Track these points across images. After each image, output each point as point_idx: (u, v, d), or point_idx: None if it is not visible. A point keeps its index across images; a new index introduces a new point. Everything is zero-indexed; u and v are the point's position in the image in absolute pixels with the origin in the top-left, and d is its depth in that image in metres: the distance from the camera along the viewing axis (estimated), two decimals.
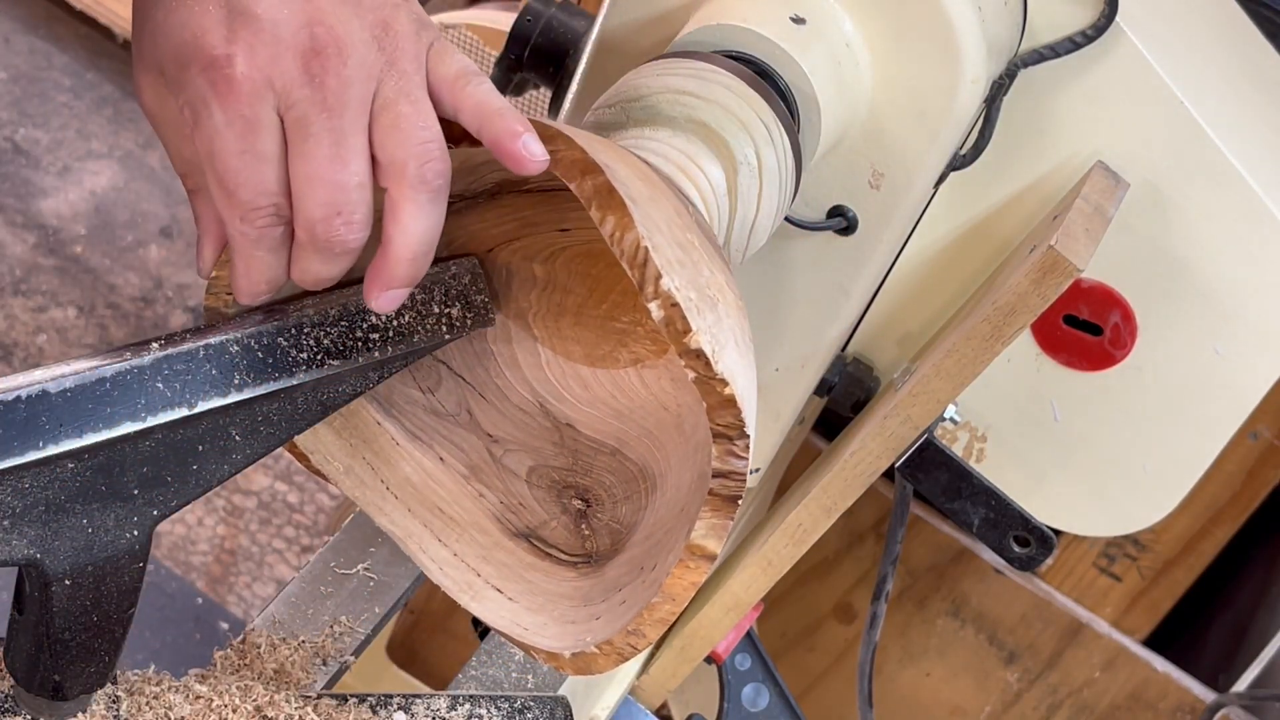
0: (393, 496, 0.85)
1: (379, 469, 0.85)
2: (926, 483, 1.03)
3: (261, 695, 0.82)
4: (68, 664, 0.71)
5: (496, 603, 0.82)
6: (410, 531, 0.85)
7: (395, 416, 0.86)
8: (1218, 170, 1.02)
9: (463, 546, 0.84)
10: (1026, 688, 1.67)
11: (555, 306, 0.86)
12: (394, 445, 0.85)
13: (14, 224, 2.35)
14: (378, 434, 0.85)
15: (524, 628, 0.81)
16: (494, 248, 0.84)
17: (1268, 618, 1.61)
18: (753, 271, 1.01)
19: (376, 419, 0.85)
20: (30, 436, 0.64)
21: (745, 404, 0.69)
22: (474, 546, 0.84)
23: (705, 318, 0.68)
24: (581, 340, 0.86)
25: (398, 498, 0.85)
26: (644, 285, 0.67)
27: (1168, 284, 1.06)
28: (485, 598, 0.82)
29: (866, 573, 1.69)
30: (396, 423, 0.85)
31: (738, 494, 0.70)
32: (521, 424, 0.87)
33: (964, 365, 0.94)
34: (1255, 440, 1.56)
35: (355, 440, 0.85)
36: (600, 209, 0.68)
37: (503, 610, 0.82)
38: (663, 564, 0.74)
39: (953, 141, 0.96)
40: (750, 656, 1.17)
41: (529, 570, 0.83)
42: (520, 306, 0.86)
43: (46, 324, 2.25)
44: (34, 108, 2.52)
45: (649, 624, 0.73)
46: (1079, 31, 0.99)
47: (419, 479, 0.85)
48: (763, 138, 0.82)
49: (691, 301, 0.68)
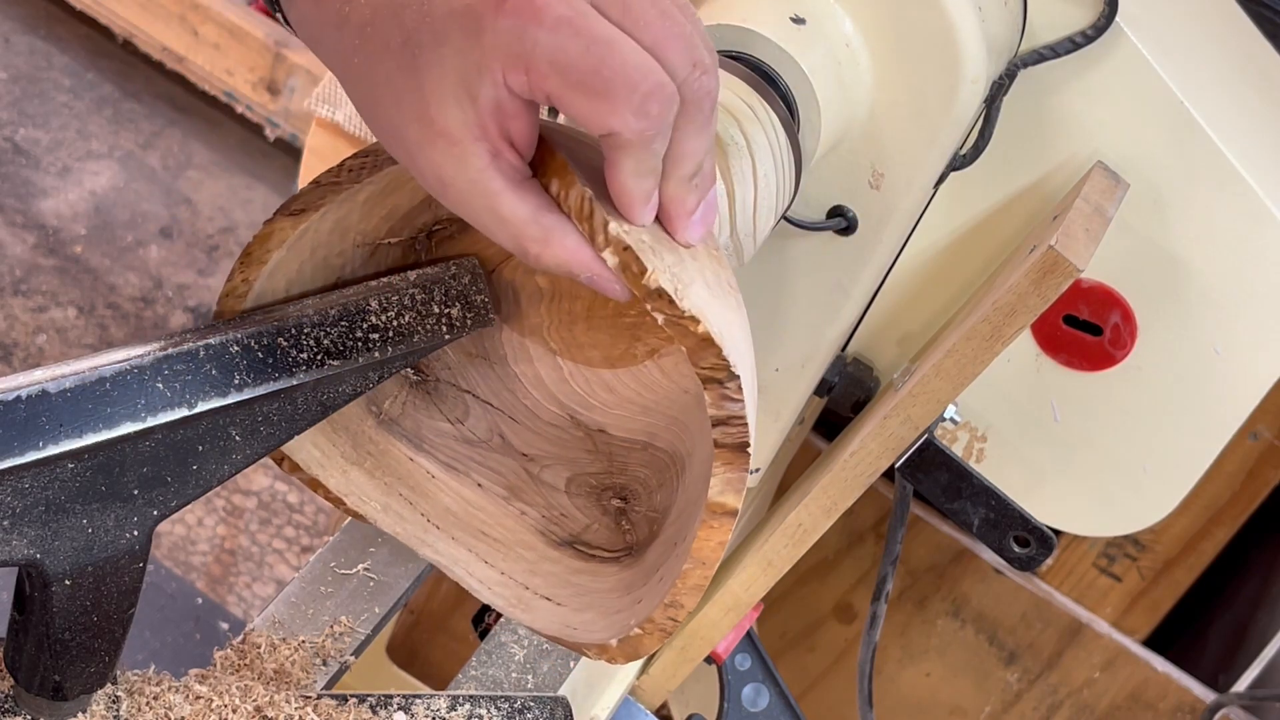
0: (434, 528, 0.85)
1: (417, 503, 0.85)
2: (926, 483, 1.03)
3: (261, 695, 0.82)
4: (68, 664, 0.71)
5: (546, 610, 0.82)
6: (456, 559, 0.84)
7: (427, 451, 0.85)
8: (1218, 170, 1.02)
9: (510, 565, 0.84)
10: (1026, 688, 1.67)
11: (565, 315, 0.86)
12: (430, 479, 0.85)
13: (14, 224, 2.35)
14: (412, 470, 0.85)
15: (573, 628, 0.80)
16: (495, 268, 0.85)
17: (1268, 618, 1.61)
18: (753, 271, 1.01)
19: (409, 455, 0.85)
20: (30, 436, 0.64)
21: (727, 343, 0.68)
22: (521, 563, 0.84)
23: (664, 258, 0.67)
24: (597, 344, 0.86)
25: (439, 528, 0.85)
26: (594, 236, 0.66)
27: (1168, 284, 1.06)
28: (535, 608, 0.82)
29: (866, 573, 1.69)
30: (429, 456, 0.85)
31: (743, 440, 0.69)
32: (555, 439, 0.87)
33: (964, 365, 0.94)
34: (1255, 440, 1.56)
35: (389, 479, 0.85)
36: (544, 174, 0.67)
37: (552, 616, 0.82)
38: (690, 533, 0.74)
39: (953, 141, 0.96)
40: (750, 656, 1.17)
41: (575, 575, 0.84)
42: (534, 323, 0.86)
43: (46, 324, 2.25)
44: (34, 108, 2.52)
45: (684, 593, 0.73)
46: (1079, 31, 0.99)
47: (459, 507, 0.85)
48: (747, 116, 0.81)
49: (645, 244, 0.66)
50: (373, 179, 0.74)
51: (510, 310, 0.86)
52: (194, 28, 2.36)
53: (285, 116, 2.34)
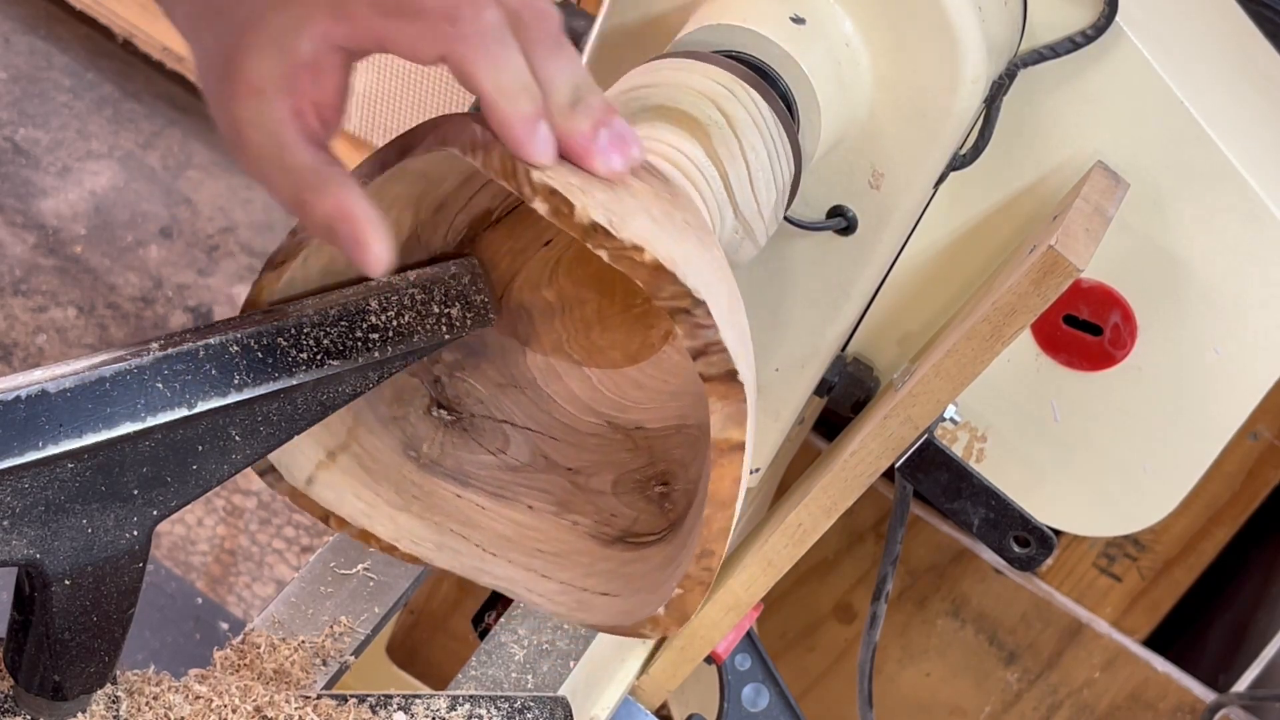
0: (491, 555, 0.84)
1: (471, 535, 0.84)
2: (926, 483, 1.03)
3: (261, 695, 0.82)
4: (68, 664, 0.71)
5: (604, 606, 0.82)
6: (515, 580, 0.84)
7: (474, 485, 0.85)
8: (1218, 170, 1.02)
9: (568, 573, 0.84)
10: (1026, 688, 1.67)
11: (579, 323, 0.86)
12: (481, 510, 0.85)
13: (14, 224, 2.35)
14: (461, 506, 0.85)
15: (629, 614, 0.80)
16: (503, 293, 0.85)
17: (1268, 618, 1.61)
18: (753, 271, 1.01)
19: (456, 493, 0.85)
20: (30, 436, 0.64)
21: (683, 268, 0.66)
22: (578, 569, 0.84)
23: (595, 195, 0.66)
24: (615, 343, 0.86)
25: (496, 555, 0.84)
26: (521, 190, 0.65)
27: (1168, 284, 1.06)
28: (594, 606, 0.82)
29: (866, 573, 1.69)
30: (476, 490, 0.85)
31: (728, 368, 0.68)
32: (596, 447, 0.87)
33: (964, 365, 0.94)
34: (1255, 440, 1.56)
35: (439, 518, 0.84)
36: (470, 151, 0.67)
37: (610, 610, 0.81)
38: (707, 481, 0.73)
39: (953, 141, 0.96)
40: (750, 656, 1.17)
41: (628, 565, 0.83)
42: (553, 341, 0.86)
43: (46, 324, 2.25)
44: (34, 108, 2.52)
45: (712, 539, 0.72)
46: (1079, 31, 0.99)
47: (513, 532, 0.85)
48: (722, 95, 0.81)
49: (574, 185, 0.65)
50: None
51: (528, 333, 0.86)
52: None
53: None
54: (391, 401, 0.86)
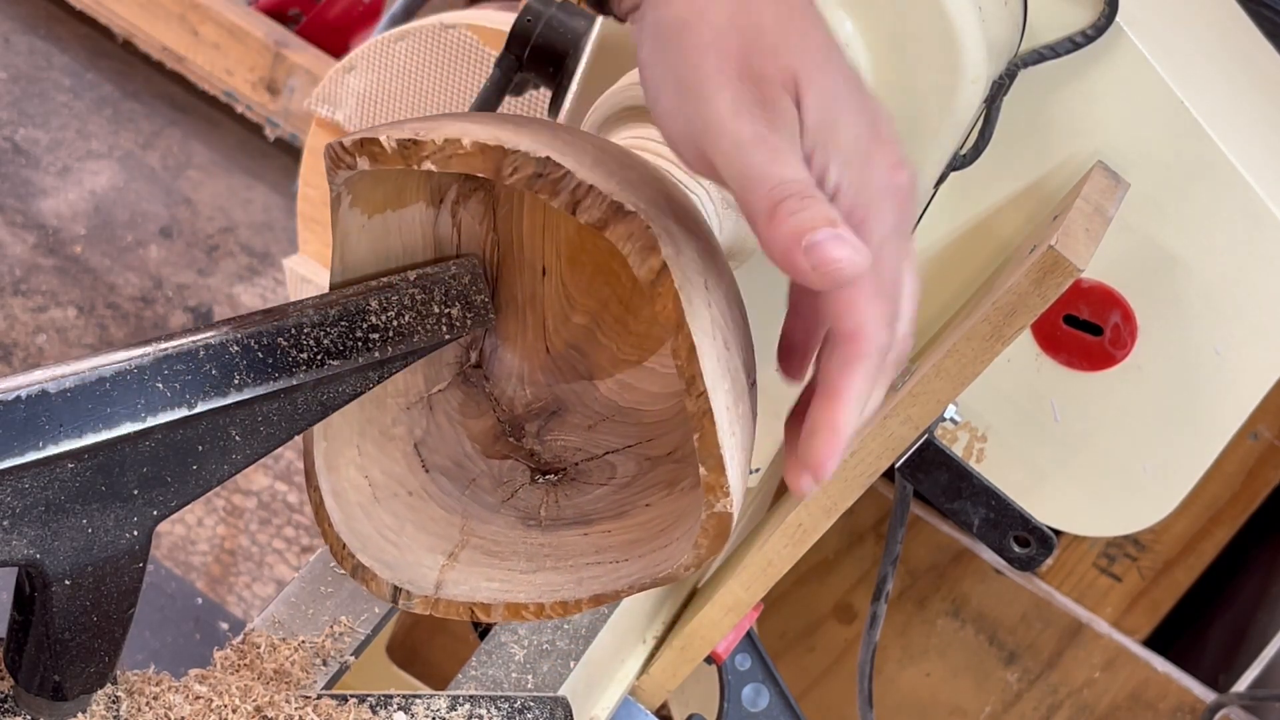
0: (624, 561, 0.83)
1: (604, 557, 0.83)
2: (926, 483, 1.03)
3: (261, 695, 0.82)
4: (68, 664, 0.71)
5: (682, 558, 0.81)
6: (645, 569, 0.82)
7: (596, 519, 0.84)
8: (1218, 170, 1.02)
9: (683, 543, 0.83)
10: (1026, 688, 1.67)
11: (616, 323, 0.87)
12: (608, 534, 0.84)
13: (14, 224, 2.35)
14: (590, 540, 0.84)
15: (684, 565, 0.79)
16: (547, 345, 0.85)
17: (1268, 618, 1.61)
18: (753, 271, 1.01)
19: (583, 533, 0.84)
20: (30, 436, 0.64)
21: (511, 141, 0.67)
22: (689, 536, 0.83)
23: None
24: (652, 320, 0.87)
25: (629, 559, 0.83)
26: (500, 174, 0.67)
27: (1168, 284, 1.06)
28: (677, 564, 0.81)
29: (866, 573, 1.69)
30: (599, 520, 0.85)
31: (607, 204, 0.67)
32: (681, 424, 0.87)
33: (964, 365, 0.94)
34: (1255, 440, 1.56)
35: (573, 560, 0.83)
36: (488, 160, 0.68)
37: (682, 560, 0.80)
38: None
39: (953, 141, 0.96)
40: (750, 656, 1.17)
41: (699, 511, 0.83)
42: (609, 356, 0.87)
43: (46, 324, 2.25)
44: (34, 108, 2.52)
45: (685, 364, 0.70)
46: (1079, 31, 0.99)
47: (640, 532, 0.83)
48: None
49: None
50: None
51: (588, 367, 0.87)
52: (194, 28, 2.36)
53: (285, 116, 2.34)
54: (495, 488, 0.86)
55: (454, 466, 0.86)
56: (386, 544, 0.81)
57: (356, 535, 0.81)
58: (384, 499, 0.83)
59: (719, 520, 0.71)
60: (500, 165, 0.67)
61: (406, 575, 0.80)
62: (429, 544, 0.81)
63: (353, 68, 1.77)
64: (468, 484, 0.86)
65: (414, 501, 0.83)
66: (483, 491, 0.85)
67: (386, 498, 0.83)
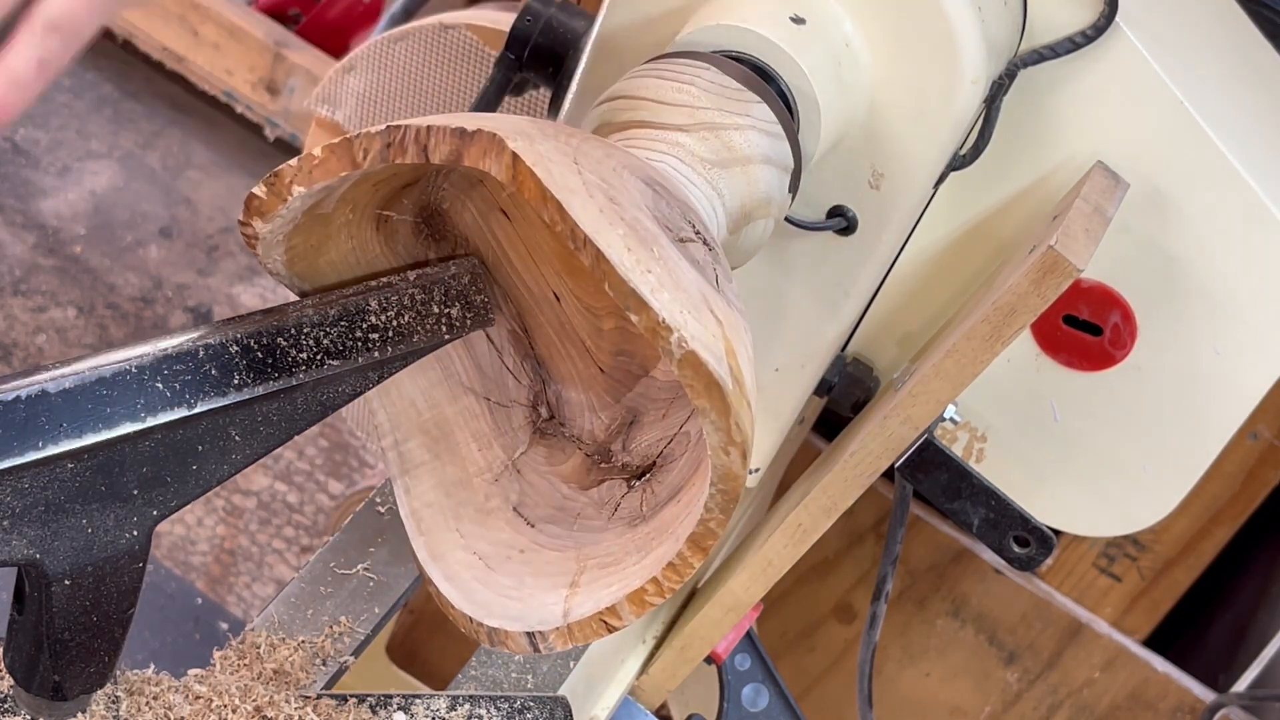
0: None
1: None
2: (926, 483, 1.03)
3: (261, 695, 0.82)
4: (68, 664, 0.71)
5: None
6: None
7: (684, 487, 0.84)
8: (1218, 170, 1.02)
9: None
10: (1026, 688, 1.67)
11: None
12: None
13: (14, 224, 2.35)
14: (680, 509, 0.85)
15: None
16: (598, 366, 0.86)
17: (1268, 618, 1.61)
18: (753, 271, 1.01)
19: (681, 510, 0.84)
20: (30, 436, 0.64)
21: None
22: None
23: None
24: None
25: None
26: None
27: (1168, 284, 1.06)
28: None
29: (866, 573, 1.69)
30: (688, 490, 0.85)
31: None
32: None
33: (964, 365, 0.94)
34: (1255, 440, 1.56)
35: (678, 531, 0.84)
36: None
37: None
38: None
39: (953, 141, 0.96)
40: (750, 656, 1.17)
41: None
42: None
43: (46, 324, 2.25)
44: (34, 108, 2.52)
45: (621, 297, 0.69)
46: (1079, 31, 0.99)
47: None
48: (702, 100, 0.82)
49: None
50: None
51: (639, 362, 0.87)
52: (194, 28, 2.36)
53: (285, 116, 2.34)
54: (598, 512, 0.86)
55: (557, 512, 0.86)
56: (510, 601, 0.81)
57: (479, 606, 0.81)
58: (497, 565, 0.83)
59: (689, 361, 0.67)
60: (353, 155, 0.69)
61: (535, 620, 0.80)
62: (549, 585, 0.81)
63: (353, 68, 1.77)
64: (573, 520, 0.86)
65: (527, 557, 0.83)
66: (588, 520, 0.86)
67: (500, 562, 0.83)
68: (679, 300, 0.67)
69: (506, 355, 0.87)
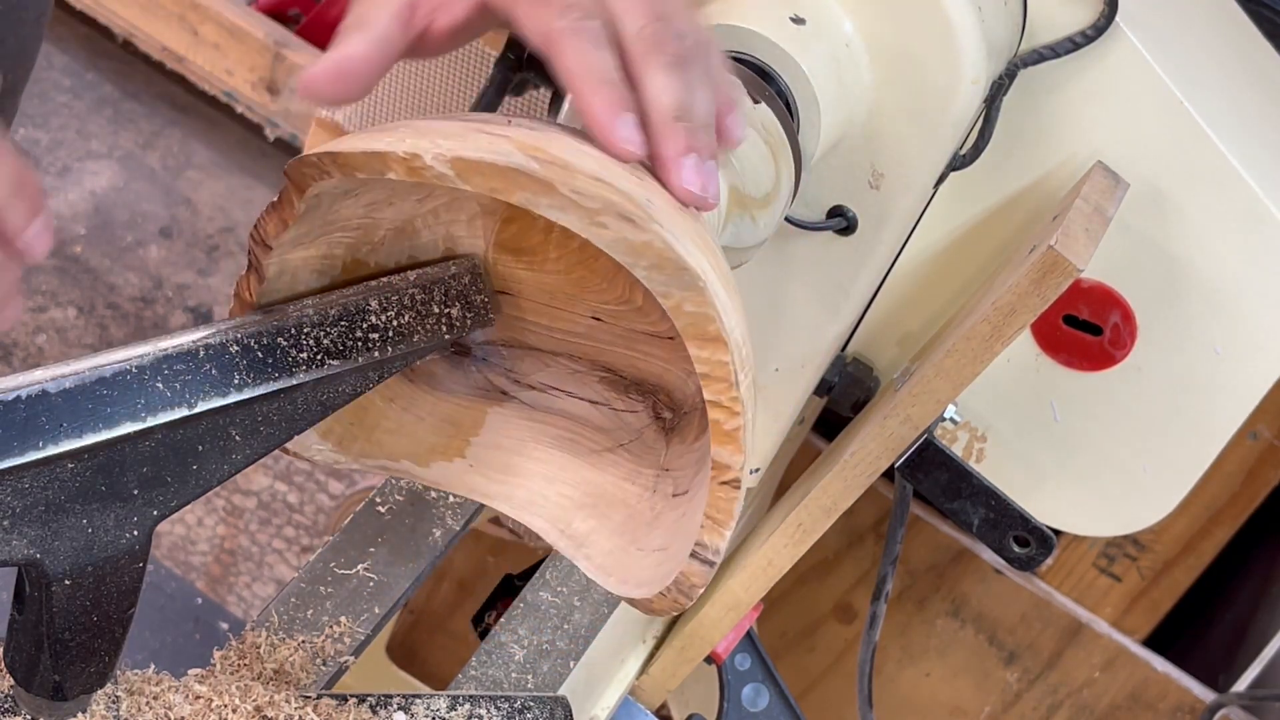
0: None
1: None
2: (926, 483, 1.03)
3: (261, 695, 0.82)
4: (68, 664, 0.71)
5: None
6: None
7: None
8: (1218, 170, 1.02)
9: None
10: (1026, 688, 1.67)
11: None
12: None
13: None
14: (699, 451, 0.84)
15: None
16: (661, 374, 0.85)
17: (1268, 618, 1.61)
18: (753, 271, 1.01)
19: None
20: (30, 436, 0.64)
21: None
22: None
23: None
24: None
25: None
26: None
27: (1168, 284, 1.06)
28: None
29: (866, 573, 1.69)
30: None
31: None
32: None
33: (964, 365, 0.94)
34: (1255, 440, 1.56)
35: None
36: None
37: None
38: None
39: (953, 141, 0.96)
40: (750, 656, 1.17)
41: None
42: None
43: (46, 324, 2.25)
44: (34, 108, 2.52)
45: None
46: (1079, 31, 1.00)
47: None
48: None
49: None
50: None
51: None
52: (194, 28, 2.36)
53: (285, 116, 2.34)
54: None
55: (701, 467, 0.85)
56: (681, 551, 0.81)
57: (667, 575, 0.79)
58: (676, 543, 0.82)
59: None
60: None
61: (685, 547, 0.79)
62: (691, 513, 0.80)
63: None
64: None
65: (690, 517, 0.82)
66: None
67: (679, 540, 0.82)
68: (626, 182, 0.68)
69: (613, 402, 0.87)
